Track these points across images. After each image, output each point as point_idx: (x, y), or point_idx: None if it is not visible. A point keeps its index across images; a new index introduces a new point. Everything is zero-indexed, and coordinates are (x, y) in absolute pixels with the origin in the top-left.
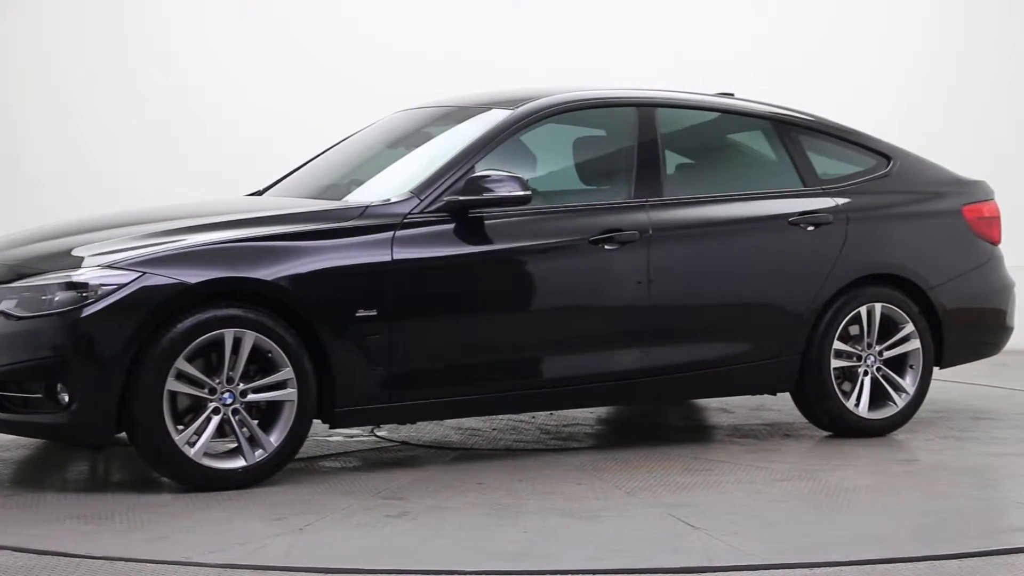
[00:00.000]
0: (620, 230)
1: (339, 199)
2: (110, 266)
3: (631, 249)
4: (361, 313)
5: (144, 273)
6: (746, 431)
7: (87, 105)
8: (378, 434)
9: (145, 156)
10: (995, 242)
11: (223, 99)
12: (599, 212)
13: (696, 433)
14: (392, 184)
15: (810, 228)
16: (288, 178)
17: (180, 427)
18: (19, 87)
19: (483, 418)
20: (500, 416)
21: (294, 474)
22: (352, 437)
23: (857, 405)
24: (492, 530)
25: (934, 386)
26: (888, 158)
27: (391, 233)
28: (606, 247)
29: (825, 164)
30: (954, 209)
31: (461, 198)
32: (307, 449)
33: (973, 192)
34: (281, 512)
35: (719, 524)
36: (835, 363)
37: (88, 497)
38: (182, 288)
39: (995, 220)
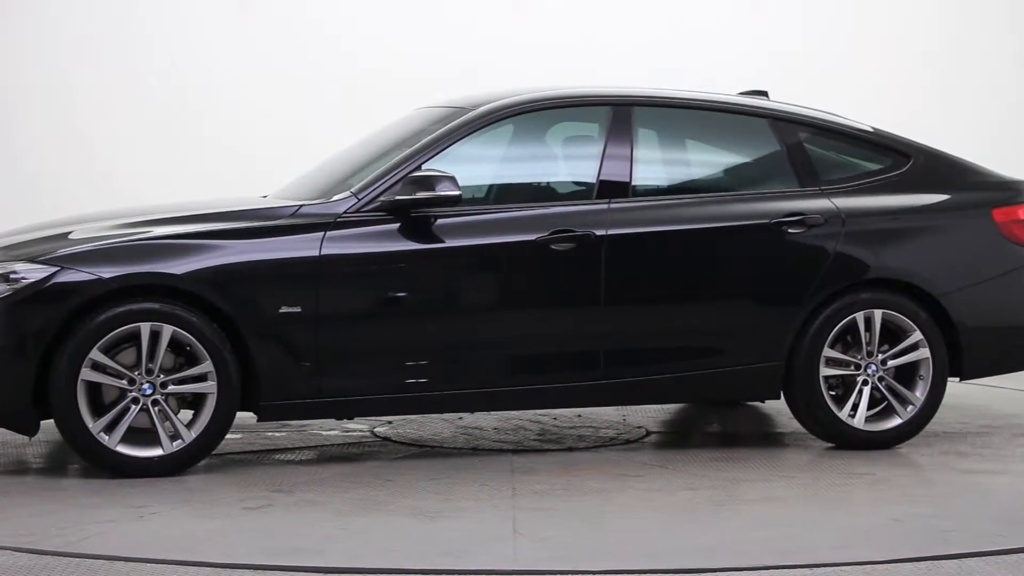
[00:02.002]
0: (571, 230)
1: None
2: (31, 260)
3: (584, 250)
4: (284, 310)
5: (61, 268)
6: (747, 438)
7: (87, 105)
8: (376, 431)
9: (145, 156)
10: None
11: (223, 99)
12: (551, 213)
13: (693, 438)
14: None
15: (795, 231)
16: (297, 177)
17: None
18: (19, 87)
19: (488, 417)
20: (514, 415)
21: (225, 464)
22: (349, 431)
23: (853, 416)
24: (313, 526)
25: (1002, 395)
26: (908, 157)
27: (322, 232)
28: (554, 247)
29: (832, 164)
30: (981, 211)
31: (396, 198)
32: (288, 441)
33: (1008, 193)
34: (148, 500)
35: (546, 530)
36: (827, 371)
37: None
38: (97, 283)
39: None
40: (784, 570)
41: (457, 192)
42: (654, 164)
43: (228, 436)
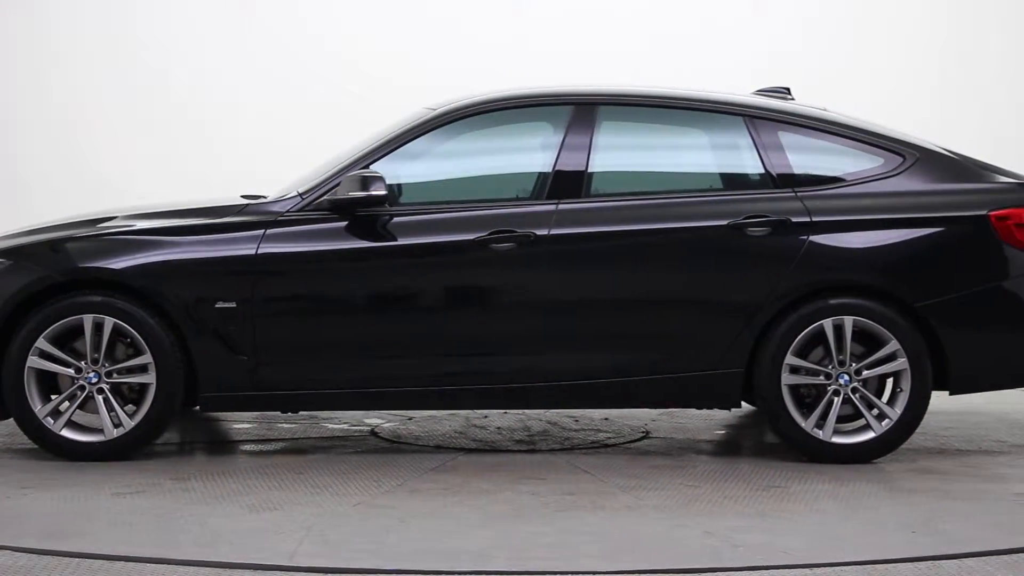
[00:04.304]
0: (511, 230)
1: None
2: None
3: (524, 250)
4: (220, 305)
5: (13, 262)
6: (756, 448)
7: (80, 106)
8: (377, 432)
9: (141, 158)
10: None
11: (219, 100)
12: (496, 213)
13: (686, 444)
14: None
15: (756, 233)
16: (300, 176)
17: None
18: (14, 88)
19: (507, 416)
20: (533, 414)
21: (177, 452)
22: (354, 426)
23: (821, 428)
24: (137, 512)
25: None
26: (902, 156)
27: (262, 230)
28: (493, 247)
29: (813, 164)
30: (977, 214)
31: (330, 198)
32: (278, 432)
33: (1011, 195)
34: (39, 481)
35: (340, 529)
36: (791, 380)
37: None
38: (42, 276)
39: None
40: (784, 570)
41: (383, 192)
42: (615, 164)
43: (238, 425)
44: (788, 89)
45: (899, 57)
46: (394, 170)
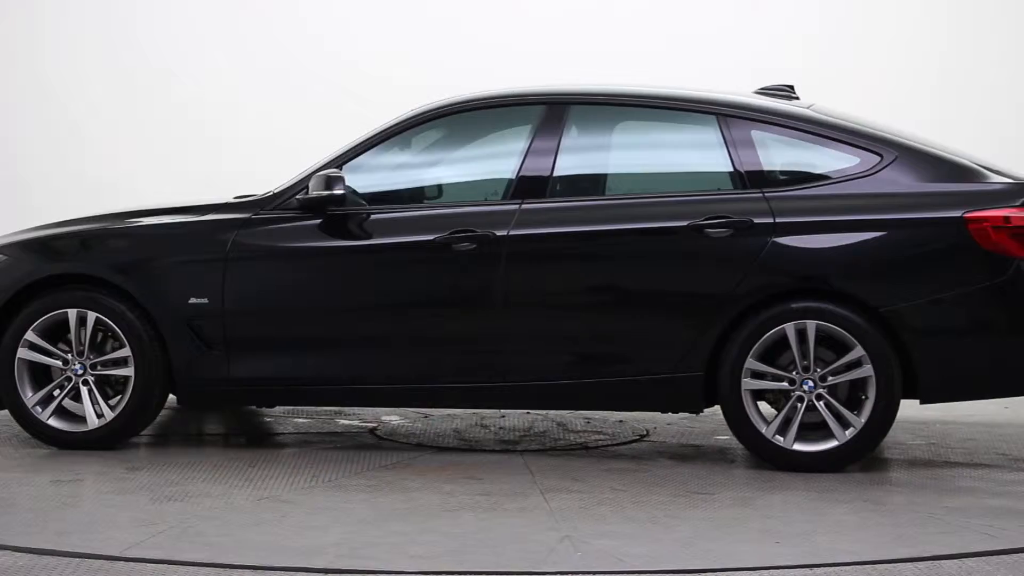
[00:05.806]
0: (471, 230)
1: None
2: None
3: (483, 250)
4: (193, 301)
5: (8, 257)
6: (710, 452)
7: (82, 107)
8: (378, 433)
9: (142, 158)
10: (1021, 256)
11: (219, 100)
12: (459, 212)
13: (675, 448)
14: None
15: (717, 234)
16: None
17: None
18: (12, 89)
19: (519, 417)
20: (549, 414)
21: (159, 443)
22: (364, 422)
23: (783, 435)
24: (46, 503)
25: None
26: (879, 155)
27: (236, 228)
28: (455, 247)
29: (786, 164)
30: (951, 216)
31: (297, 197)
32: (282, 426)
33: (996, 196)
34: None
35: (210, 523)
36: (753, 384)
37: None
38: (29, 271)
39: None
40: (784, 570)
41: (342, 192)
42: (582, 165)
43: (262, 419)
44: (792, 87)
45: (899, 57)
46: (367, 170)
